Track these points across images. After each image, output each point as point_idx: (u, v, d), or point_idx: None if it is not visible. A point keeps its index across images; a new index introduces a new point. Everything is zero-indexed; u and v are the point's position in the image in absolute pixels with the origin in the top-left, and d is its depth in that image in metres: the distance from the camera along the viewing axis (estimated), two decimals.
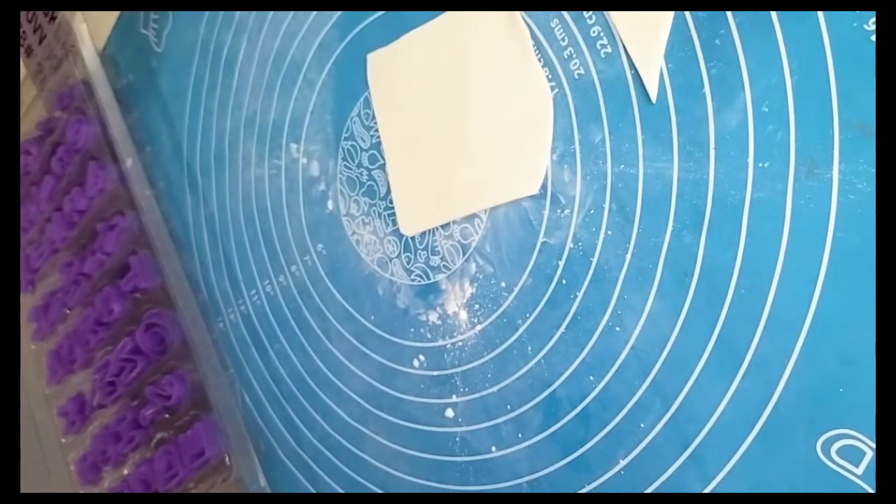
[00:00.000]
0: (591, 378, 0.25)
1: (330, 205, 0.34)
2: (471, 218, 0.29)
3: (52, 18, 0.50)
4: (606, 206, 0.25)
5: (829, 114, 0.20)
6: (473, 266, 0.29)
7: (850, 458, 0.20)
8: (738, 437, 0.22)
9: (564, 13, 0.25)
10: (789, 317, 0.21)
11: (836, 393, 0.20)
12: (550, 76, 0.26)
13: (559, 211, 0.26)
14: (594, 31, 0.25)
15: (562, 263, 0.26)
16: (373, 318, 0.32)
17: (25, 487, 0.55)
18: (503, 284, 0.28)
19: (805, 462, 0.21)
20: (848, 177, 0.20)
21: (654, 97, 0.23)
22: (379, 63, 0.31)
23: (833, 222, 0.20)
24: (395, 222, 0.31)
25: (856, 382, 0.20)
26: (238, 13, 0.37)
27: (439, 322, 0.30)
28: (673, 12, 0.23)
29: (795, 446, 0.21)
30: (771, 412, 0.21)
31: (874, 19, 0.19)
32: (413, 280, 0.31)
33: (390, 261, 0.32)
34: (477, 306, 0.29)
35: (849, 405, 0.20)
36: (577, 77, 0.25)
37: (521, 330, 0.27)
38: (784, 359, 0.21)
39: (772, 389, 0.21)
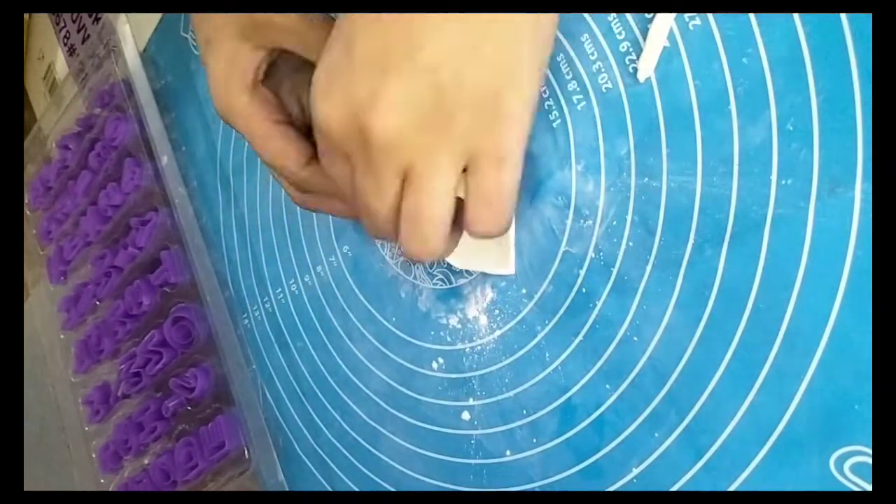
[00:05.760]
0: (608, 386, 0.25)
1: None
2: None
3: (97, 19, 0.52)
4: (629, 217, 0.25)
5: (854, 134, 0.21)
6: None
7: (864, 474, 0.20)
8: (751, 450, 0.22)
9: (595, 28, 0.26)
10: (807, 333, 0.21)
11: (851, 409, 0.20)
12: (578, 89, 0.26)
13: (582, 221, 0.26)
14: (623, 47, 0.25)
15: (582, 272, 0.26)
16: (394, 319, 0.33)
17: (48, 474, 0.57)
18: (524, 291, 0.28)
19: (818, 478, 0.21)
20: (870, 196, 0.20)
21: (642, 78, 0.24)
22: None
23: (854, 241, 0.20)
24: None
25: (871, 399, 0.20)
26: None
27: (459, 326, 0.30)
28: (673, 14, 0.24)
29: (809, 461, 0.21)
30: (785, 426, 0.21)
31: None
32: (435, 284, 0.31)
33: (413, 264, 0.32)
34: (497, 312, 0.29)
35: (864, 422, 0.20)
36: (604, 91, 0.26)
37: (539, 336, 0.28)
38: (800, 374, 0.21)
39: (787, 404, 0.21)
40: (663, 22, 0.24)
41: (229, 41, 0.27)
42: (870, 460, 0.20)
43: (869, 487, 0.20)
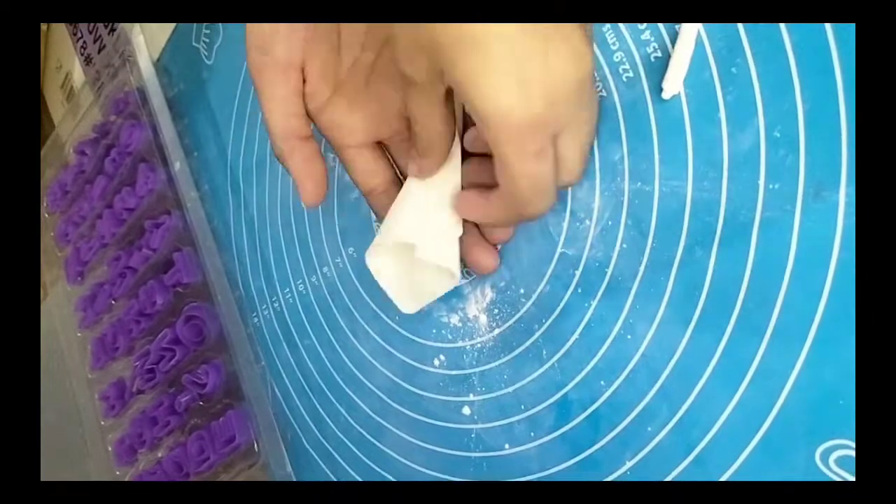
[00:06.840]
0: (602, 383, 0.26)
1: (362, 211, 0.36)
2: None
3: (112, 30, 0.54)
4: (622, 220, 0.26)
5: (838, 140, 0.21)
6: (494, 273, 0.30)
7: (847, 467, 0.21)
8: (740, 443, 0.23)
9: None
10: (793, 331, 0.22)
11: (835, 404, 0.21)
12: None
13: (577, 223, 0.27)
14: (617, 57, 0.26)
15: (578, 273, 0.27)
16: (398, 318, 0.34)
17: (65, 466, 0.58)
18: (522, 291, 0.29)
19: (804, 470, 0.21)
20: (854, 200, 0.21)
21: (668, 94, 0.25)
22: None
23: (838, 242, 0.21)
24: None
25: (855, 395, 0.21)
26: None
27: (460, 324, 0.31)
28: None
29: (795, 454, 0.22)
30: (773, 421, 0.22)
31: None
32: None
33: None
34: (496, 311, 0.30)
35: (847, 416, 0.21)
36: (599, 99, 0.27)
37: (537, 335, 0.28)
38: (787, 371, 0.22)
39: (774, 399, 0.22)
40: (689, 33, 0.24)
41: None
42: (853, 453, 0.20)
43: (852, 479, 0.21)
